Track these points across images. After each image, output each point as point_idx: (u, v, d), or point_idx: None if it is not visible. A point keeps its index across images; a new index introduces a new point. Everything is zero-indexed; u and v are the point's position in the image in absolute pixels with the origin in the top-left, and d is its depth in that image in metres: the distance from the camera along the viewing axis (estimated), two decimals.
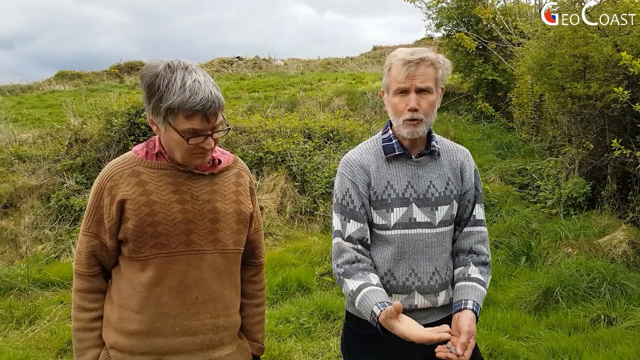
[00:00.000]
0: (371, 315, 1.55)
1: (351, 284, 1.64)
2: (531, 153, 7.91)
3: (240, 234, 1.67)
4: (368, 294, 1.58)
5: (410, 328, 1.47)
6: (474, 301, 1.67)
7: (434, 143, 1.77)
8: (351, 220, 1.71)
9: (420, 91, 1.66)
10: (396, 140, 1.75)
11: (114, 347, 1.55)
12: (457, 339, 1.57)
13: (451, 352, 1.52)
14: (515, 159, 7.82)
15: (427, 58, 1.66)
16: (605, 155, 5.77)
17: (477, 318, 1.65)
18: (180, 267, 1.54)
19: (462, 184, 1.81)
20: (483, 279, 1.76)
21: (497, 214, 6.19)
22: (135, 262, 1.54)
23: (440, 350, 1.54)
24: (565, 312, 4.02)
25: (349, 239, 1.70)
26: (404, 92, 1.67)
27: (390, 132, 1.78)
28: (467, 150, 1.88)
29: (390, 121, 1.80)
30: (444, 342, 1.53)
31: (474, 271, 1.76)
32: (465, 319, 1.61)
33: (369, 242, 1.74)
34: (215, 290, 1.60)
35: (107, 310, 1.59)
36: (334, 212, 1.77)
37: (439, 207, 1.74)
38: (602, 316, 3.88)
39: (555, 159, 7.15)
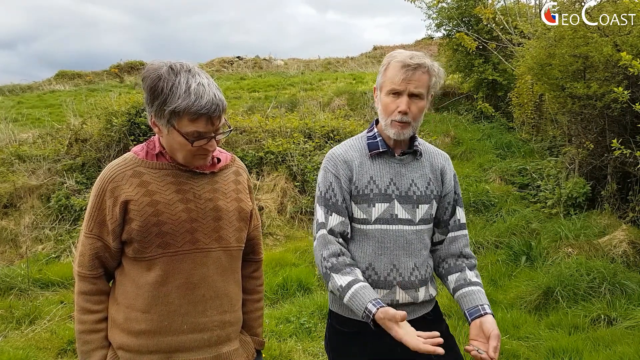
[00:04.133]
0: (364, 311, 1.58)
1: (339, 280, 1.67)
2: (531, 153, 7.92)
3: (242, 232, 1.70)
4: (360, 290, 1.62)
5: (407, 334, 1.51)
6: (487, 305, 1.73)
7: (416, 143, 1.83)
8: (333, 213, 1.75)
9: (412, 96, 1.72)
10: (381, 138, 1.82)
11: (122, 347, 1.56)
12: (482, 342, 1.62)
13: (479, 353, 1.58)
14: (515, 159, 7.83)
15: (424, 64, 1.71)
16: (606, 155, 5.77)
17: None
18: (186, 265, 1.56)
19: (442, 186, 1.87)
20: (481, 282, 1.83)
21: (497, 214, 6.19)
22: (140, 262, 1.55)
23: (469, 347, 1.61)
24: (565, 312, 4.02)
25: (331, 232, 1.75)
26: (397, 93, 1.73)
27: (376, 130, 1.84)
28: (447, 154, 1.96)
29: (376, 120, 1.86)
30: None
31: (472, 275, 1.82)
32: (491, 323, 1.65)
33: (349, 235, 1.78)
34: (221, 286, 1.62)
35: (113, 312, 1.59)
36: (317, 204, 1.80)
37: (419, 206, 1.80)
38: (602, 316, 3.88)
39: (555, 158, 7.15)
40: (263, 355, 1.87)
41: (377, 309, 1.56)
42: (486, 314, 1.68)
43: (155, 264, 1.54)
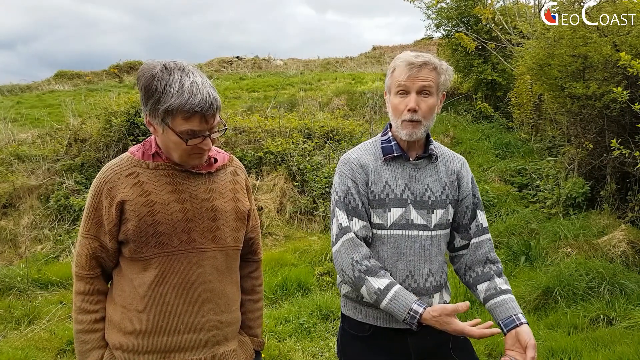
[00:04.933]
0: (409, 312, 1.57)
1: (376, 282, 1.63)
2: (530, 153, 7.92)
3: (239, 232, 1.69)
4: (400, 292, 1.61)
5: (467, 325, 1.54)
6: (522, 313, 1.70)
7: (431, 147, 1.79)
8: (355, 218, 1.71)
9: (420, 93, 1.69)
10: (395, 142, 1.78)
11: (119, 347, 1.56)
12: (518, 353, 1.60)
13: None
14: (514, 159, 7.83)
15: (430, 62, 1.69)
16: (605, 155, 5.78)
17: None
18: (182, 265, 1.55)
19: (458, 190, 1.83)
20: (510, 288, 1.80)
21: (496, 214, 6.20)
22: (137, 262, 1.55)
23: (505, 359, 1.60)
24: (564, 312, 4.02)
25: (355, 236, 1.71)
26: (405, 92, 1.70)
27: (390, 134, 1.80)
28: (463, 158, 1.92)
29: (390, 123, 1.82)
30: None
31: (501, 283, 1.79)
32: (527, 333, 1.63)
33: (370, 241, 1.73)
34: (217, 287, 1.62)
35: (110, 311, 1.59)
36: (336, 209, 1.74)
37: (435, 211, 1.76)
38: (602, 316, 3.88)
39: (554, 158, 7.15)
40: (262, 355, 1.86)
41: (424, 309, 1.56)
42: (522, 323, 1.66)
43: (151, 264, 1.54)
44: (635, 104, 4.28)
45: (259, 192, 7.11)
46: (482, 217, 1.86)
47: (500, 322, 1.71)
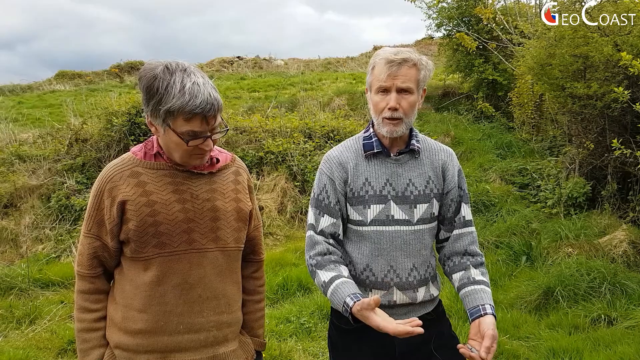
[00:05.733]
0: (343, 305, 1.58)
1: (323, 275, 1.68)
2: (531, 153, 7.91)
3: (240, 232, 1.69)
4: (340, 285, 1.62)
5: (385, 320, 1.50)
6: (490, 305, 1.69)
7: (414, 142, 1.79)
8: (325, 215, 1.76)
9: (401, 91, 1.69)
10: (376, 138, 1.79)
11: (119, 346, 1.56)
12: (478, 342, 1.59)
13: (472, 352, 1.55)
14: (515, 159, 7.82)
15: (409, 59, 1.69)
16: (606, 155, 5.77)
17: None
18: (182, 265, 1.56)
19: (443, 183, 1.83)
20: (486, 280, 1.79)
21: (497, 214, 6.19)
22: (137, 262, 1.55)
23: (462, 347, 1.58)
24: (565, 312, 4.02)
25: (322, 232, 1.75)
26: (385, 91, 1.71)
27: (372, 130, 1.82)
28: (451, 150, 1.90)
29: (372, 120, 1.83)
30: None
31: (476, 274, 1.78)
32: (489, 324, 1.62)
33: (340, 237, 1.78)
34: (218, 287, 1.62)
35: (111, 310, 1.60)
36: (310, 206, 1.82)
37: (417, 205, 1.76)
38: (603, 316, 3.88)
39: (555, 158, 7.15)
40: (263, 355, 1.86)
41: (354, 302, 1.55)
42: (486, 314, 1.65)
43: (151, 264, 1.54)
44: (637, 104, 4.27)
45: (260, 192, 7.12)
46: (465, 211, 1.85)
47: (467, 311, 1.71)
